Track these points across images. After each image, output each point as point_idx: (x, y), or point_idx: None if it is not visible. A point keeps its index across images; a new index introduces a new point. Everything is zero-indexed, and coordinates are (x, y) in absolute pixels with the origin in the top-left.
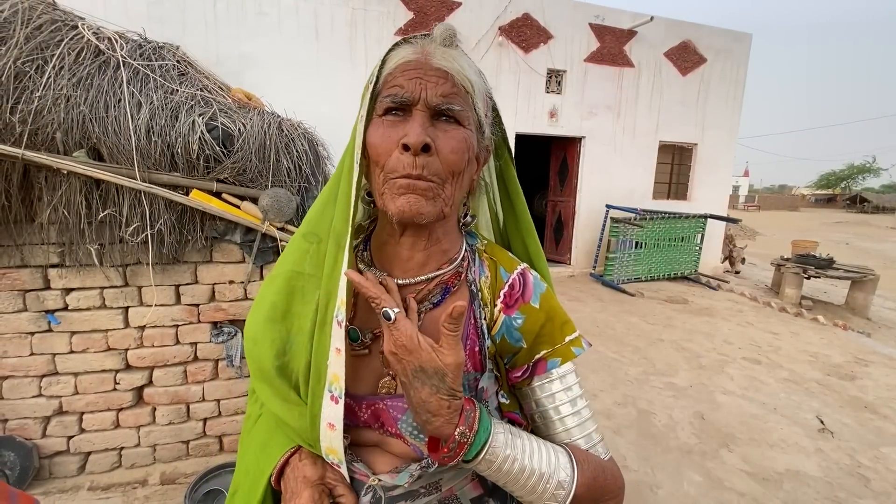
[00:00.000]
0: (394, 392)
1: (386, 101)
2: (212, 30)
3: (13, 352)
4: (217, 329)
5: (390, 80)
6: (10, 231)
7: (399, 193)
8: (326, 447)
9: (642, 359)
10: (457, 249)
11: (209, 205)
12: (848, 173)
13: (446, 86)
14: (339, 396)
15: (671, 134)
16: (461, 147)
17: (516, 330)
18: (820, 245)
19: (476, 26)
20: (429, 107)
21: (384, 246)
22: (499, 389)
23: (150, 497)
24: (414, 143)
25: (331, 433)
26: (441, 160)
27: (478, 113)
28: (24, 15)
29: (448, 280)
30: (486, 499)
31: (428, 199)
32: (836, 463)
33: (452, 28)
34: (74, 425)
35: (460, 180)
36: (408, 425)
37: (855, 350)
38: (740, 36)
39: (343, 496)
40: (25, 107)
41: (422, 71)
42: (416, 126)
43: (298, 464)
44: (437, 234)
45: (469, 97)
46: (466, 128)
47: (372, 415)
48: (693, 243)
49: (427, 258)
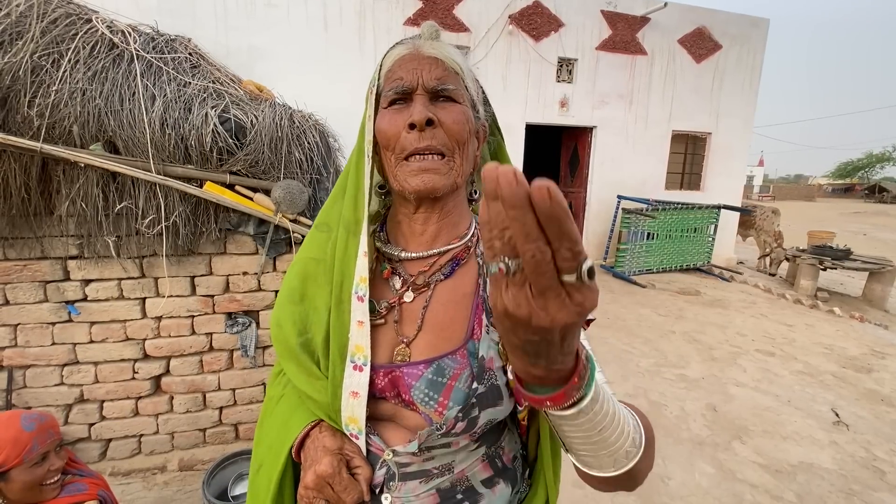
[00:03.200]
0: (408, 359)
1: (390, 94)
2: (221, 22)
3: (35, 341)
4: (231, 319)
5: (390, 75)
6: (31, 223)
7: (414, 174)
8: (348, 416)
9: (654, 350)
10: (466, 225)
11: (223, 197)
12: (867, 162)
13: (438, 70)
14: (364, 365)
15: (684, 123)
16: (461, 118)
17: None
18: (837, 236)
19: (486, 15)
20: (427, 90)
21: (399, 225)
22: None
23: (169, 483)
24: (419, 119)
25: (353, 401)
26: (445, 131)
27: (470, 92)
28: (39, 9)
29: (458, 254)
30: (497, 479)
31: (441, 175)
32: (850, 456)
33: (436, 26)
34: (95, 413)
35: (466, 151)
36: (420, 392)
37: (871, 342)
38: (757, 21)
39: (359, 468)
40: (42, 101)
41: (416, 61)
42: (419, 106)
43: (319, 435)
44: (448, 206)
45: (460, 78)
46: (462, 104)
47: (389, 382)
48: (706, 234)
49: (438, 230)
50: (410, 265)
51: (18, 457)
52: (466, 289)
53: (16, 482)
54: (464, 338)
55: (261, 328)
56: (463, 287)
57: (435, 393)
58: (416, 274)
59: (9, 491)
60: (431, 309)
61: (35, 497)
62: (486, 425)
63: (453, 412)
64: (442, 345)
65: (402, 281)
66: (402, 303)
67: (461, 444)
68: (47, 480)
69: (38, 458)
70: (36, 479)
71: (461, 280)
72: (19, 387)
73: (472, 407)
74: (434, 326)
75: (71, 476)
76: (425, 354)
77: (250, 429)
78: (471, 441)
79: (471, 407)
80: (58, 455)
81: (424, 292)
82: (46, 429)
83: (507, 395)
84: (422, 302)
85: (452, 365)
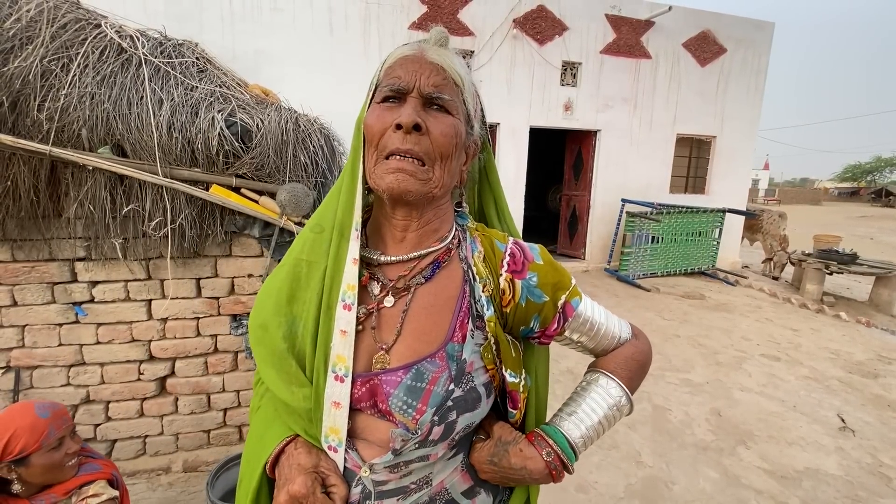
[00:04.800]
0: (387, 366)
1: (384, 90)
2: (228, 26)
3: (42, 342)
4: (236, 321)
5: (390, 72)
6: (39, 225)
7: (389, 172)
8: (329, 426)
9: (657, 354)
10: (447, 228)
11: (229, 200)
12: (874, 166)
13: (438, 77)
14: (345, 376)
15: (689, 126)
16: (450, 131)
17: (536, 287)
18: (843, 240)
19: (490, 19)
20: (421, 94)
21: (379, 227)
22: (501, 365)
23: (173, 483)
24: (406, 122)
25: (335, 412)
26: (431, 140)
27: (467, 107)
28: (49, 14)
29: (439, 257)
30: (477, 489)
31: (417, 179)
32: (856, 462)
33: (446, 32)
34: (101, 413)
35: (449, 164)
36: (398, 400)
37: (878, 347)
38: (762, 25)
39: (335, 486)
40: (52, 104)
41: (417, 64)
42: (409, 108)
43: (294, 452)
44: (427, 215)
45: (458, 90)
46: (455, 117)
47: (368, 391)
48: (711, 238)
49: (419, 238)
50: (390, 269)
51: (37, 442)
52: (449, 292)
53: (36, 466)
54: (443, 340)
55: None
56: (445, 290)
57: (413, 400)
58: (396, 278)
59: (30, 475)
60: (412, 313)
61: (55, 477)
62: (463, 430)
63: (428, 416)
64: (422, 348)
65: (380, 286)
66: (381, 308)
67: (439, 454)
68: (65, 463)
69: (55, 443)
70: (54, 463)
71: (443, 283)
72: (26, 387)
73: (449, 410)
74: (414, 331)
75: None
76: (405, 359)
77: None
78: (448, 449)
79: (447, 410)
80: (73, 439)
81: (405, 296)
82: (60, 415)
83: (485, 397)
84: (402, 306)
85: (431, 368)
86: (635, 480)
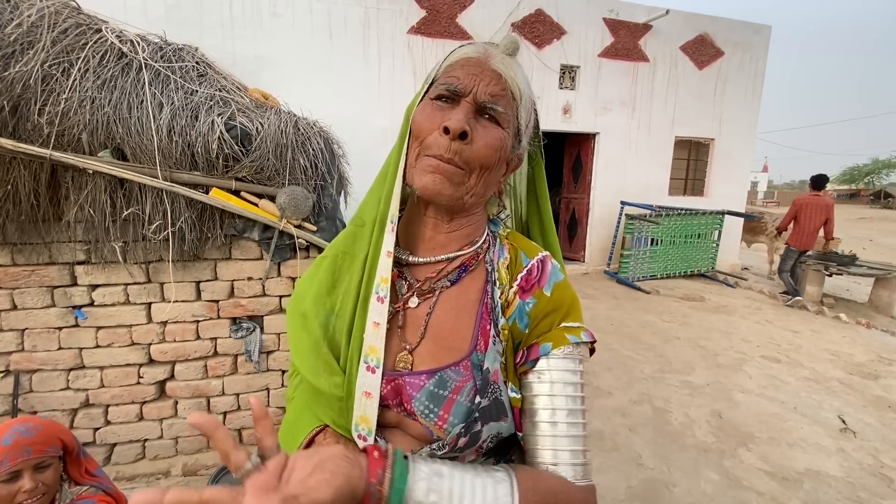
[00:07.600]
0: (410, 367)
1: (440, 88)
2: (228, 31)
3: (42, 346)
4: (236, 325)
5: (449, 70)
6: (39, 229)
7: (427, 171)
8: (360, 415)
9: (658, 357)
10: (480, 233)
11: (228, 203)
12: (873, 168)
13: (497, 87)
14: (377, 367)
15: (687, 129)
16: (496, 144)
17: (526, 314)
18: (842, 242)
19: (489, 23)
20: (476, 101)
21: (410, 225)
22: (507, 380)
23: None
24: (454, 127)
25: (366, 401)
26: (474, 150)
27: (519, 121)
28: (50, 19)
29: (466, 261)
30: None
31: (452, 183)
32: (858, 463)
33: (517, 42)
34: (100, 417)
35: (487, 175)
36: (420, 404)
37: (878, 349)
38: (759, 28)
39: None
40: (52, 109)
41: (479, 68)
42: (460, 114)
43: (323, 441)
44: (458, 220)
45: (514, 104)
46: (504, 129)
47: (392, 390)
48: (710, 240)
49: (448, 241)
50: (417, 270)
51: None
52: (471, 296)
53: None
54: (468, 349)
55: (265, 333)
56: (468, 294)
57: (435, 406)
58: (423, 280)
59: None
60: (435, 316)
61: None
62: (491, 440)
63: (456, 429)
64: (444, 355)
65: (407, 285)
66: (406, 308)
67: (467, 458)
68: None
69: (5, 476)
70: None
71: (466, 287)
72: (25, 391)
73: (475, 422)
74: (436, 334)
75: (85, 490)
76: (427, 364)
77: (253, 434)
78: (478, 455)
79: (473, 422)
80: (36, 476)
81: (429, 298)
82: (23, 446)
83: (510, 410)
84: (426, 308)
85: (455, 377)
86: (636, 483)
